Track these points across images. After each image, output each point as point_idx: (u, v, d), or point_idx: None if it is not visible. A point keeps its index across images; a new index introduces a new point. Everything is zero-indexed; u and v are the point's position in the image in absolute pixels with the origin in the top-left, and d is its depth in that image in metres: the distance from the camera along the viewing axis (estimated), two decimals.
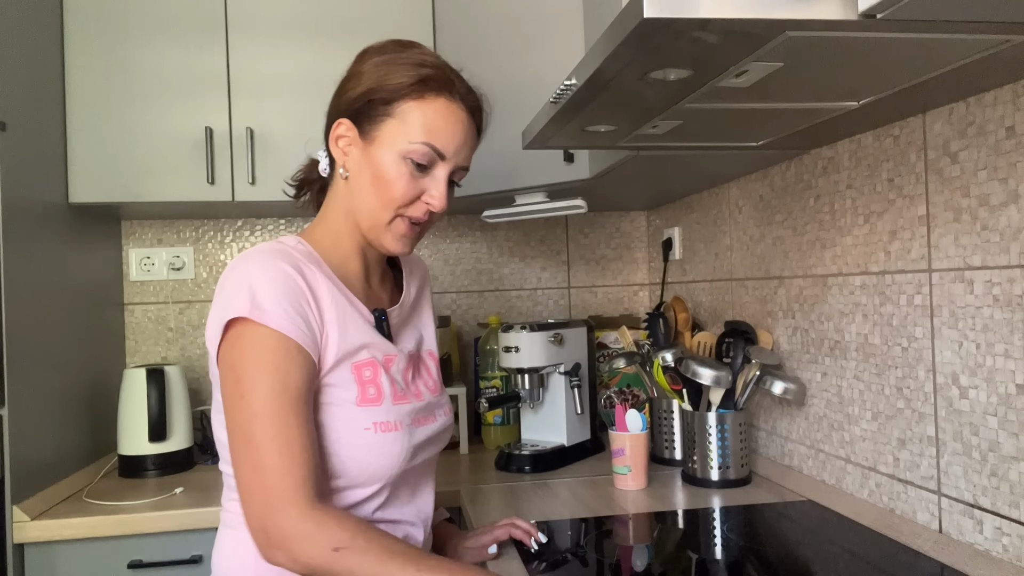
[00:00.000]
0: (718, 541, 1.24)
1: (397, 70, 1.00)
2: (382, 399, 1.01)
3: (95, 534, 1.50)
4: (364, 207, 1.02)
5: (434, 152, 1.00)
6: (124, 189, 1.81)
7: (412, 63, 1.01)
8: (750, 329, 1.63)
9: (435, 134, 1.00)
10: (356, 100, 1.02)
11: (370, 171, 1.00)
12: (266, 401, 0.89)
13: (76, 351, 1.81)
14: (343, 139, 1.03)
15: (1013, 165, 1.01)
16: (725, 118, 1.10)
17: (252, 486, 0.88)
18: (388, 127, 1.00)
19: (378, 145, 1.00)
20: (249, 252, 0.97)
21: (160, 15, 1.82)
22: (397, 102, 0.99)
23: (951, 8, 0.69)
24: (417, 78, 0.99)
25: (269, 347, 0.90)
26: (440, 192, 1.01)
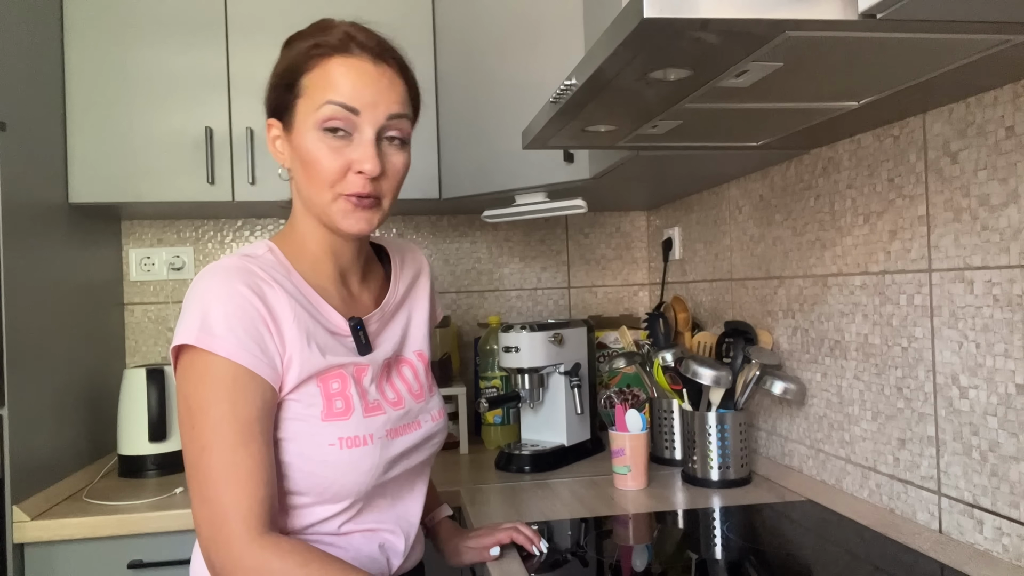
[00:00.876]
0: (718, 541, 1.24)
1: (293, 51, 0.99)
2: (351, 412, 0.97)
3: (95, 534, 1.50)
4: (308, 197, 0.99)
5: (343, 109, 0.94)
6: (124, 189, 1.81)
7: (306, 38, 0.99)
8: (750, 329, 1.63)
9: (336, 90, 0.94)
10: (270, 95, 1.01)
11: (300, 158, 0.97)
12: (215, 433, 0.87)
13: (76, 351, 1.81)
14: (277, 139, 1.01)
15: (1013, 165, 1.01)
16: (725, 118, 1.10)
17: (200, 518, 0.87)
18: (299, 108, 0.97)
19: (297, 130, 0.97)
20: (211, 268, 0.95)
21: (160, 15, 1.82)
22: (298, 80, 0.97)
23: (951, 8, 0.69)
24: (307, 48, 0.97)
25: (219, 376, 0.88)
26: (366, 154, 0.94)
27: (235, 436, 0.87)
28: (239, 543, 0.85)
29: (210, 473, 0.86)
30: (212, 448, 0.87)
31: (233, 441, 0.87)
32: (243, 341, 0.89)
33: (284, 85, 0.98)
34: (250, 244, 1.03)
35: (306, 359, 0.94)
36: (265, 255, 1.00)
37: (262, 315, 0.92)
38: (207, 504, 0.86)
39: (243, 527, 0.85)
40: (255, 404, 0.90)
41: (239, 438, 0.88)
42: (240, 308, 0.91)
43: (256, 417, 0.90)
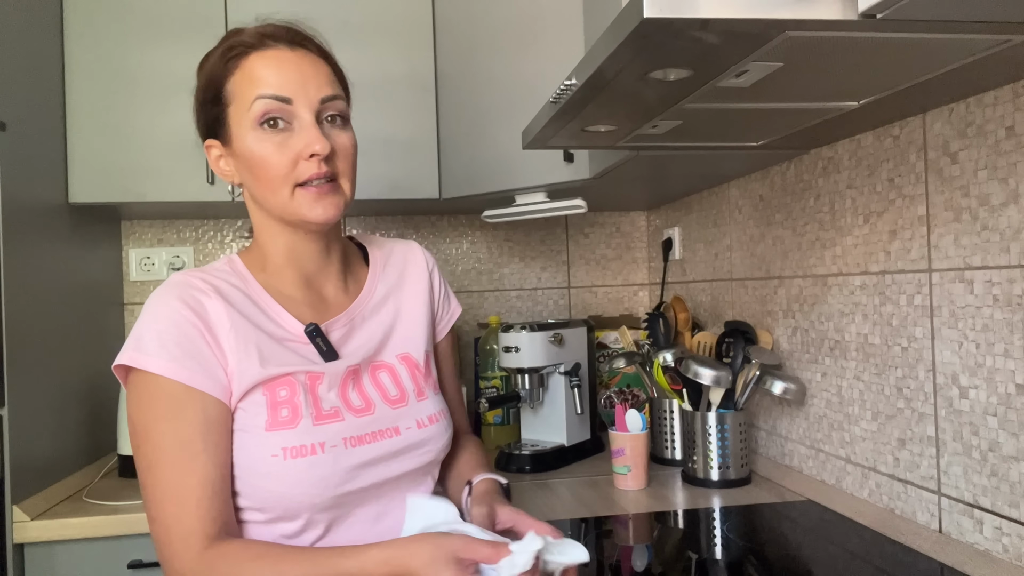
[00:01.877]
0: (718, 541, 1.24)
1: (208, 63, 0.98)
2: (297, 420, 0.92)
3: (95, 534, 1.50)
4: (264, 201, 0.96)
5: (275, 100, 0.92)
6: (124, 189, 1.81)
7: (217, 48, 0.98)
8: (750, 329, 1.63)
9: (264, 84, 0.93)
10: (199, 116, 0.99)
11: (246, 166, 0.95)
12: (158, 451, 0.88)
13: (76, 351, 1.81)
14: (220, 158, 0.99)
15: (1013, 165, 1.01)
16: (725, 118, 1.10)
17: (152, 536, 0.89)
18: (231, 115, 0.95)
19: (235, 138, 0.95)
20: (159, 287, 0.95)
21: (160, 15, 1.82)
22: (222, 90, 0.95)
23: (951, 8, 0.69)
24: (219, 56, 0.96)
25: (156, 395, 0.88)
26: (311, 136, 0.92)
27: (177, 454, 0.87)
28: (182, 560, 0.86)
29: (155, 492, 0.87)
30: (155, 467, 0.87)
31: (175, 459, 0.87)
32: (178, 357, 0.88)
33: (210, 100, 0.97)
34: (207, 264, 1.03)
35: (244, 368, 0.92)
36: (221, 267, 0.99)
37: (197, 327, 0.91)
38: (154, 523, 0.88)
39: (183, 545, 0.86)
40: (196, 420, 0.89)
41: (181, 455, 0.87)
42: (174, 324, 0.90)
43: (199, 433, 0.88)
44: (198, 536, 0.86)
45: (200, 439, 0.89)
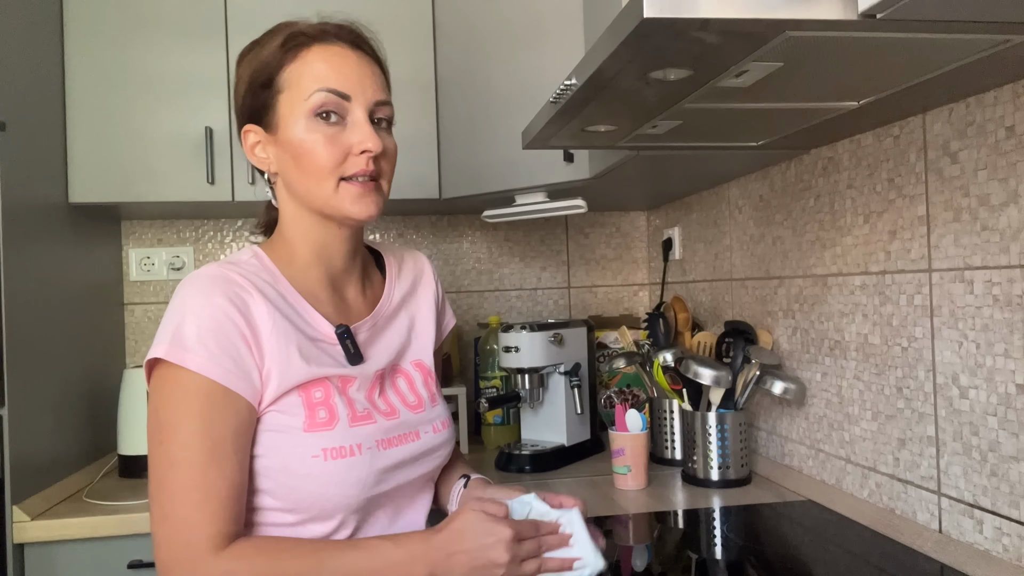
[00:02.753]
0: (718, 541, 1.24)
1: (260, 51, 0.97)
2: (335, 422, 0.93)
3: (95, 534, 1.50)
4: (306, 191, 0.95)
5: (335, 95, 0.93)
6: (124, 189, 1.81)
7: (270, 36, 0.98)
8: (750, 329, 1.63)
9: (325, 78, 0.94)
10: (244, 99, 0.98)
11: (290, 155, 0.94)
12: (186, 450, 0.84)
13: (76, 351, 1.81)
14: (256, 145, 0.98)
15: (1013, 165, 1.01)
16: (725, 118, 1.10)
17: (159, 535, 0.85)
18: (283, 103, 0.95)
19: (284, 125, 0.94)
20: (192, 277, 0.92)
21: (160, 15, 1.82)
22: (277, 76, 0.95)
23: (951, 8, 0.69)
24: (281, 43, 0.95)
25: (191, 392, 0.86)
26: (366, 132, 0.93)
27: (206, 455, 0.85)
28: (203, 564, 0.83)
29: (177, 491, 0.84)
30: (181, 465, 0.84)
31: (204, 460, 0.85)
32: (217, 356, 0.86)
33: (260, 85, 0.96)
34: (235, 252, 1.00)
35: (286, 370, 0.91)
36: (249, 261, 0.97)
37: (240, 328, 0.89)
38: (169, 522, 0.84)
39: (208, 546, 0.83)
40: (229, 422, 0.87)
41: (210, 457, 0.85)
42: (216, 322, 0.87)
43: (230, 435, 0.87)
44: (222, 539, 0.84)
45: (231, 441, 0.87)
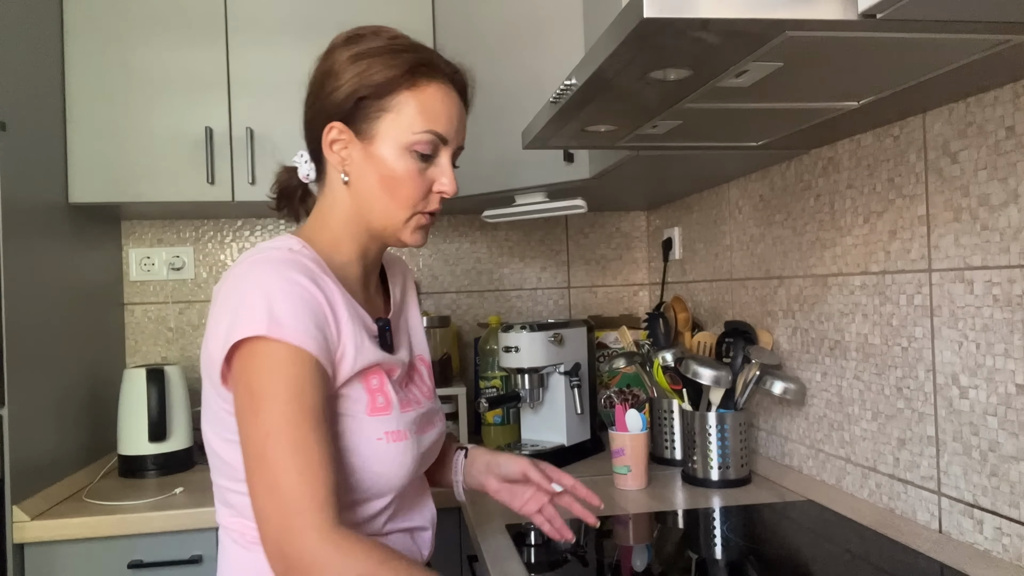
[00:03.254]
0: (718, 541, 1.24)
1: (380, 62, 0.96)
2: (391, 408, 0.97)
3: (95, 534, 1.50)
4: (377, 209, 0.98)
5: (437, 138, 0.97)
6: (124, 189, 1.81)
7: (393, 51, 0.97)
8: (750, 329, 1.63)
9: (435, 120, 0.96)
10: (345, 101, 0.96)
11: (375, 172, 0.97)
12: (283, 419, 0.83)
13: (76, 351, 1.81)
14: (338, 143, 0.98)
15: (1013, 165, 1.01)
16: (725, 118, 1.10)
17: (268, 508, 0.82)
18: (386, 122, 0.96)
19: (379, 143, 0.96)
20: (257, 260, 0.91)
21: (160, 15, 1.82)
22: (391, 95, 0.95)
23: (951, 8, 0.69)
24: (407, 67, 0.95)
25: (287, 363, 0.85)
26: (450, 177, 0.99)
27: (305, 423, 0.84)
28: (316, 533, 0.80)
29: (279, 461, 0.82)
30: (280, 435, 0.83)
31: (303, 428, 0.84)
32: (310, 330, 0.87)
33: (370, 94, 0.95)
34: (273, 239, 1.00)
35: (356, 354, 0.94)
36: (302, 251, 0.97)
37: (323, 306, 0.91)
38: (276, 493, 0.81)
39: (320, 516, 0.81)
40: (320, 392, 0.88)
41: (308, 425, 0.84)
42: (303, 298, 0.88)
43: (321, 405, 0.87)
44: (331, 509, 0.82)
45: (322, 414, 0.87)
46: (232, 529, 0.96)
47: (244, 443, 0.85)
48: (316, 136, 0.99)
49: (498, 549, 1.24)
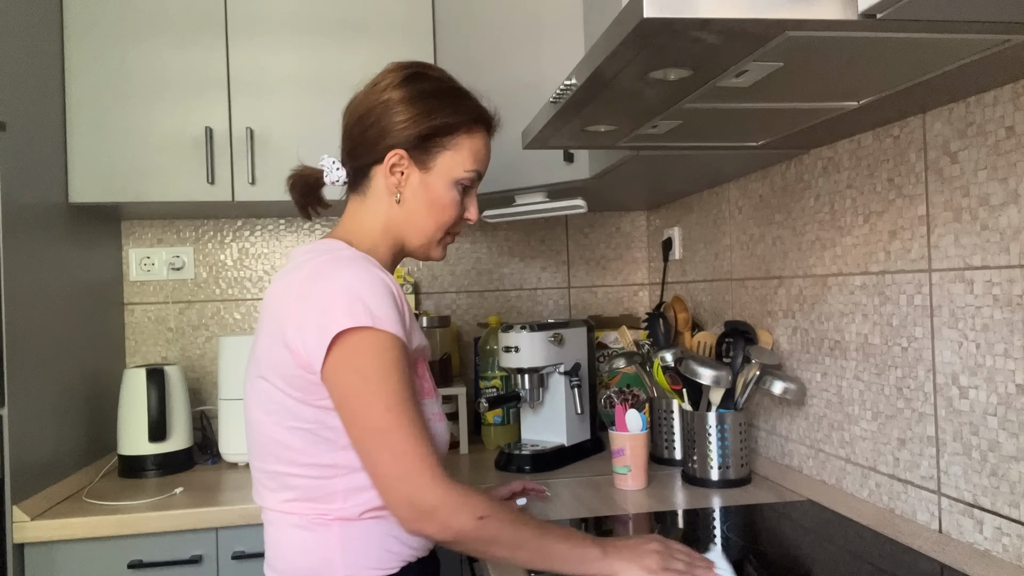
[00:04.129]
0: (718, 541, 1.24)
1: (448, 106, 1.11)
2: (433, 392, 1.13)
3: (95, 534, 1.50)
4: (418, 228, 1.13)
5: (479, 176, 1.15)
6: (124, 189, 1.81)
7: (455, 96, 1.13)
8: (750, 329, 1.63)
9: (481, 162, 1.15)
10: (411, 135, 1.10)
11: (426, 197, 1.12)
12: (396, 397, 0.96)
13: (76, 351, 1.81)
14: (397, 167, 1.11)
15: (1013, 165, 1.01)
16: (725, 118, 1.10)
17: (397, 470, 0.95)
18: (444, 158, 1.11)
19: (435, 174, 1.11)
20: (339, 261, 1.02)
21: (160, 15, 1.82)
22: (451, 136, 1.11)
23: (951, 8, 0.69)
24: (473, 116, 1.13)
25: (389, 348, 0.98)
26: (475, 207, 1.17)
27: (409, 400, 0.98)
28: (441, 485, 0.94)
29: (400, 430, 0.95)
30: (397, 409, 0.96)
31: (411, 403, 0.98)
32: (396, 317, 1.00)
33: (438, 131, 1.10)
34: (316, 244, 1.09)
35: (415, 342, 1.07)
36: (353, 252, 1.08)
37: (398, 297, 1.03)
38: (402, 456, 0.94)
39: (440, 472, 0.96)
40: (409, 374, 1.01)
41: (412, 402, 0.99)
42: (386, 290, 1.01)
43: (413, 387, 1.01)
44: (441, 467, 0.97)
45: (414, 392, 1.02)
46: (292, 513, 1.03)
47: (359, 421, 0.97)
48: (372, 156, 1.11)
49: None
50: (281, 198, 1.87)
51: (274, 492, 1.05)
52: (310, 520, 1.02)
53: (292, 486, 1.03)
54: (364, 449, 0.97)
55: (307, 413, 1.01)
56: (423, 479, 0.94)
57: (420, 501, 0.94)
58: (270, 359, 1.02)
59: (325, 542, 1.02)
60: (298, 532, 1.03)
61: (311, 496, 1.02)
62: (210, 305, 2.19)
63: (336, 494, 1.02)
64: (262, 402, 1.03)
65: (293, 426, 1.01)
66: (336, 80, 1.87)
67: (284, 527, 1.04)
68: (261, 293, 2.21)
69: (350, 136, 1.14)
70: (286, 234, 2.23)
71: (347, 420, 0.98)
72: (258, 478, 1.08)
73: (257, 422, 1.05)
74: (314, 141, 1.87)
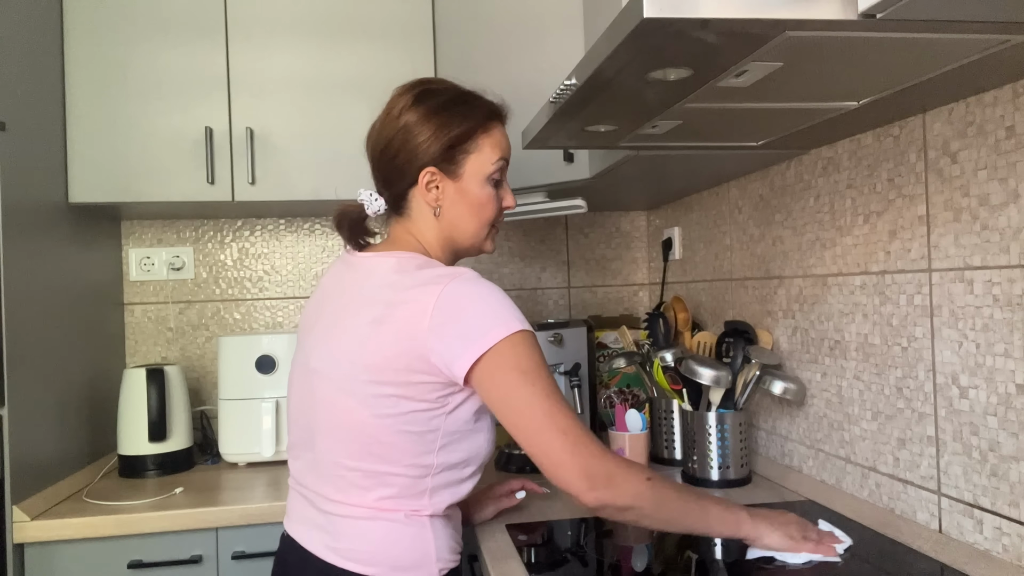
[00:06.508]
0: (718, 541, 1.24)
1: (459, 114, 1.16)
2: None
3: (95, 534, 1.50)
4: (466, 231, 1.19)
5: (506, 163, 1.20)
6: (124, 189, 1.81)
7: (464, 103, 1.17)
8: (750, 329, 1.63)
9: (504, 150, 1.20)
10: (436, 150, 1.15)
11: (464, 202, 1.17)
12: (551, 385, 1.05)
13: (76, 351, 1.81)
14: (432, 183, 1.16)
15: (1013, 165, 1.01)
16: (725, 118, 1.10)
17: (566, 447, 1.01)
18: (471, 162, 1.17)
19: (467, 179, 1.17)
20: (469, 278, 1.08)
21: (160, 15, 1.82)
22: (471, 140, 1.16)
23: (951, 8, 0.69)
24: (486, 114, 1.18)
25: (535, 346, 1.07)
26: (510, 193, 1.23)
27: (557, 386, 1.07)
28: (605, 455, 1.03)
29: (563, 411, 1.03)
30: (555, 396, 1.04)
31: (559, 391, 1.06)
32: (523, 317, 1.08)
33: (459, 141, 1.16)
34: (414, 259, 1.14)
35: None
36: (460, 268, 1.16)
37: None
38: (568, 433, 1.02)
39: (597, 446, 1.03)
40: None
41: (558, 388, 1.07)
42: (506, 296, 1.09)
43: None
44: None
45: None
46: (391, 510, 1.09)
47: (524, 409, 1.04)
48: (407, 181, 1.17)
49: (498, 549, 1.24)
50: (281, 198, 1.87)
51: (368, 490, 1.09)
52: (406, 516, 1.09)
53: (391, 484, 1.09)
54: (533, 434, 1.03)
55: (423, 418, 1.07)
56: (593, 449, 1.02)
57: (597, 470, 1.01)
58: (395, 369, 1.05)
59: (423, 536, 1.09)
60: (396, 527, 1.09)
61: (406, 493, 1.09)
62: (210, 305, 2.19)
63: (425, 492, 1.09)
64: (372, 405, 1.06)
65: (405, 430, 1.06)
66: (336, 80, 1.87)
67: (380, 523, 1.09)
68: (261, 293, 2.21)
69: (380, 167, 1.19)
70: (286, 234, 2.23)
71: (512, 412, 1.04)
72: (345, 476, 1.10)
73: (362, 423, 1.07)
74: (314, 141, 1.87)
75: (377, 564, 1.08)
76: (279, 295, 2.22)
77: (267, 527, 1.56)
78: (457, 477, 1.12)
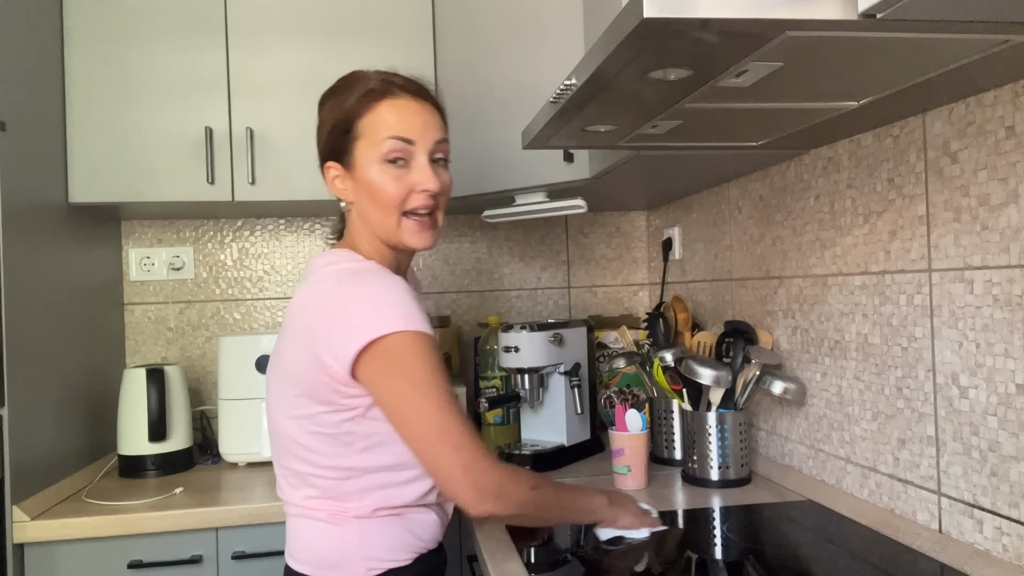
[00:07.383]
0: (718, 541, 1.24)
1: (344, 99, 1.13)
2: None
3: (95, 534, 1.50)
4: (374, 222, 1.13)
5: (402, 141, 1.10)
6: (124, 189, 1.81)
7: (352, 87, 1.14)
8: (750, 329, 1.63)
9: (394, 127, 1.10)
10: (328, 141, 1.15)
11: (364, 191, 1.12)
12: (444, 395, 1.03)
13: (76, 351, 1.81)
14: (336, 178, 1.16)
15: (1013, 165, 1.01)
16: (725, 118, 1.10)
17: (457, 462, 1.01)
18: (359, 148, 1.12)
19: (360, 166, 1.12)
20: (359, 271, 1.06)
21: (160, 15, 1.82)
22: (355, 124, 1.12)
23: (951, 8, 0.69)
24: (359, 96, 1.12)
25: (428, 349, 1.03)
26: (426, 174, 1.11)
27: (451, 391, 1.05)
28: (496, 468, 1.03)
29: (456, 425, 1.02)
30: (447, 406, 1.03)
31: (453, 399, 1.04)
32: (424, 318, 1.05)
33: (341, 132, 1.13)
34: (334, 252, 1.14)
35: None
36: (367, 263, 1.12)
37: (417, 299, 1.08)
38: (461, 448, 1.02)
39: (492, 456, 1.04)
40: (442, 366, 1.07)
41: (452, 392, 1.05)
42: (409, 294, 1.05)
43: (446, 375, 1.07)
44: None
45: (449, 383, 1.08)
46: (316, 509, 1.10)
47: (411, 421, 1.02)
48: (326, 179, 1.17)
49: (498, 549, 1.24)
50: (281, 198, 1.87)
51: (297, 489, 1.12)
52: (330, 515, 1.09)
53: (313, 484, 1.09)
54: (424, 448, 1.03)
55: (331, 420, 1.06)
56: (484, 464, 1.02)
57: (485, 484, 1.02)
58: (298, 369, 1.06)
59: (345, 536, 1.08)
60: (320, 526, 1.10)
61: (331, 495, 1.08)
62: (210, 305, 2.19)
63: (352, 494, 1.08)
64: (286, 407, 1.09)
65: (316, 431, 1.07)
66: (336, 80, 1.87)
67: (307, 521, 1.11)
68: (261, 293, 2.22)
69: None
70: (286, 234, 2.23)
71: (403, 424, 1.03)
72: (282, 474, 1.14)
73: (282, 425, 1.11)
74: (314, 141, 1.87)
75: (306, 562, 1.11)
76: (279, 295, 2.22)
77: (267, 527, 1.56)
78: (393, 480, 1.09)
